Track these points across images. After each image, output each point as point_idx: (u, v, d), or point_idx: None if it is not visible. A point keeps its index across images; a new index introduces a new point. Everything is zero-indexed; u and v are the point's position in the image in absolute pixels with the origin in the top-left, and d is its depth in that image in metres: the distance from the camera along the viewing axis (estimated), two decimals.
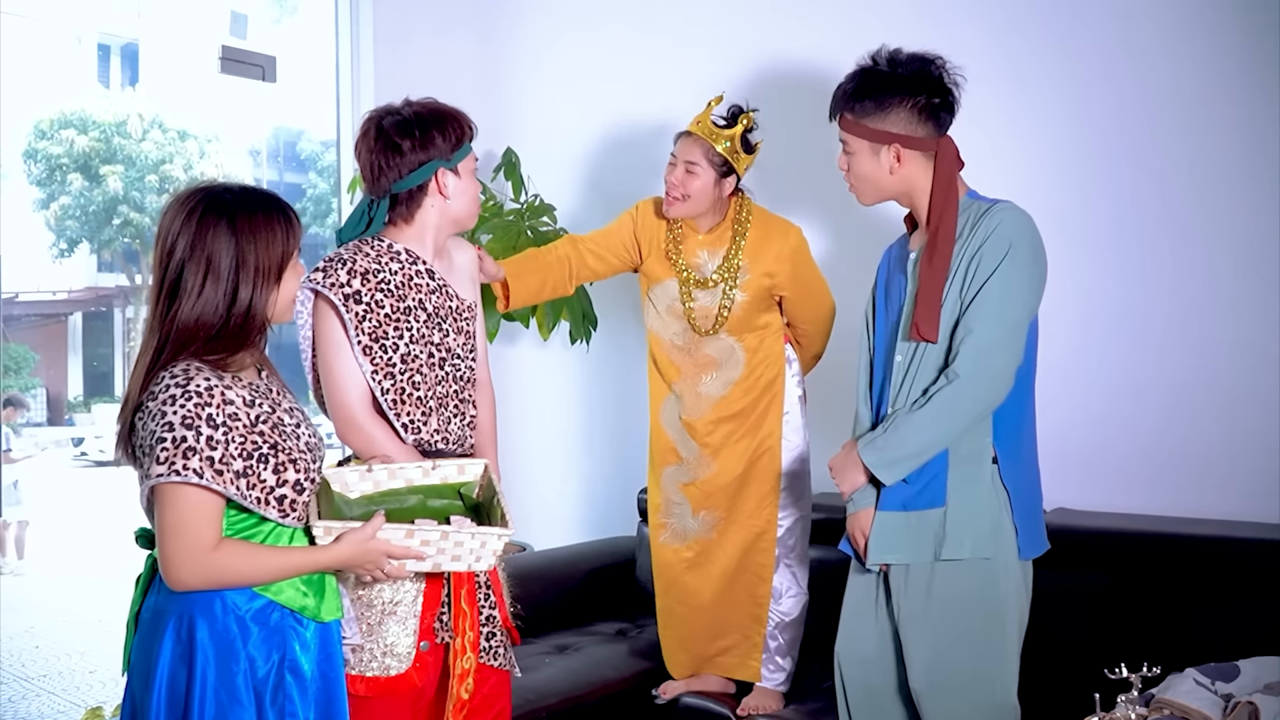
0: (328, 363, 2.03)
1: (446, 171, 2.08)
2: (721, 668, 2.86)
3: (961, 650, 2.07)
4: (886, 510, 2.13)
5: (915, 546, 2.10)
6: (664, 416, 2.88)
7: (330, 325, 2.02)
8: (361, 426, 2.02)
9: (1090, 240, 2.87)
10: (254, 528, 1.70)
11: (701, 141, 2.67)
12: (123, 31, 17.54)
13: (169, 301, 1.68)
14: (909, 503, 2.10)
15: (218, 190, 1.72)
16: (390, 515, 1.85)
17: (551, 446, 4.11)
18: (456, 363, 2.13)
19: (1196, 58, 2.75)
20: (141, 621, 1.71)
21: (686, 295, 2.76)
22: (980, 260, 2.04)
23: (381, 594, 1.96)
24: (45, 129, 15.94)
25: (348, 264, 2.02)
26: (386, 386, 2.02)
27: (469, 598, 2.02)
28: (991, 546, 2.06)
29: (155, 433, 1.60)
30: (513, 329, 3.90)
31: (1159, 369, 2.81)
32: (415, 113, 2.09)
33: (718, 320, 2.74)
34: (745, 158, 2.71)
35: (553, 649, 3.10)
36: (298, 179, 17.93)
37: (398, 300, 2.04)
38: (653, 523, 2.94)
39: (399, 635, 1.97)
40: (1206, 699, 2.00)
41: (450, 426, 2.12)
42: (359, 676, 1.95)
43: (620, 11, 3.88)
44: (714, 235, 2.77)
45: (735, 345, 2.77)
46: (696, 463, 2.82)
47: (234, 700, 1.63)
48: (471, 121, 2.15)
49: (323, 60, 4.06)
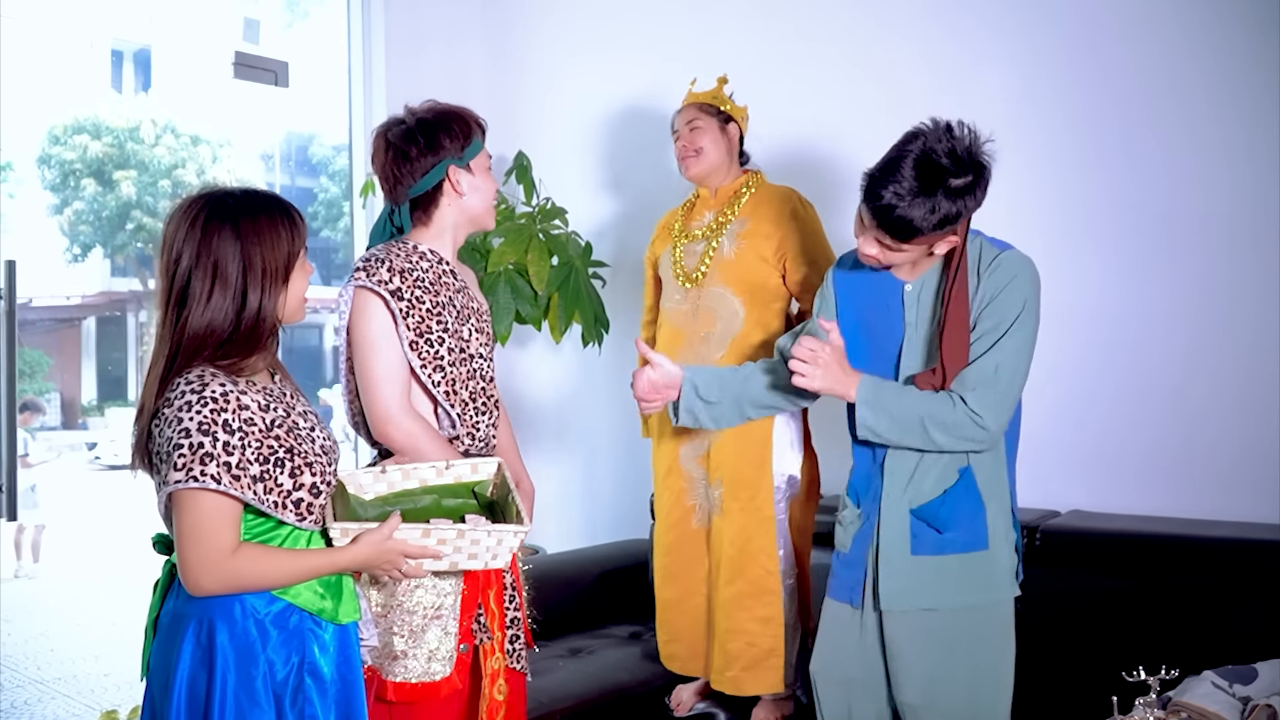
0: (367, 360, 2.04)
1: (459, 169, 2.11)
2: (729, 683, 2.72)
3: (961, 667, 2.06)
4: (921, 555, 2.07)
5: (955, 591, 2.05)
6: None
7: (378, 320, 2.03)
8: (401, 422, 2.03)
9: (1098, 243, 2.86)
10: (271, 531, 1.71)
11: (693, 103, 2.86)
12: (135, 37, 17.63)
13: (178, 310, 1.68)
14: (946, 546, 2.06)
15: (220, 195, 1.72)
16: (405, 515, 1.85)
17: (564, 449, 4.12)
18: (480, 362, 2.16)
19: (1197, 57, 2.73)
20: (161, 626, 1.72)
21: (676, 251, 2.85)
22: (997, 309, 2.01)
23: (423, 600, 1.97)
24: (59, 134, 16.04)
25: (386, 262, 2.04)
26: (438, 379, 2.05)
27: (498, 598, 2.04)
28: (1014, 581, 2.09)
29: (172, 439, 1.61)
30: (525, 332, 3.90)
31: (1169, 371, 2.79)
32: (419, 119, 2.11)
33: (701, 263, 2.77)
34: (738, 109, 2.87)
35: (566, 652, 3.10)
36: (309, 183, 17.99)
37: (434, 296, 2.07)
38: (682, 509, 2.83)
39: (441, 639, 1.98)
40: (1224, 701, 1.99)
41: (479, 422, 2.14)
42: (404, 683, 1.95)
43: (631, 14, 3.89)
44: (719, 198, 2.86)
45: (733, 299, 2.73)
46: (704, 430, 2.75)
47: (254, 703, 1.64)
48: (478, 118, 2.17)
49: (335, 65, 4.06)
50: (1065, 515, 2.78)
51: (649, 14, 3.84)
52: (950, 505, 2.05)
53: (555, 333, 3.50)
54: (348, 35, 4.01)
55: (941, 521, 2.05)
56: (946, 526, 2.05)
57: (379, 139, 2.13)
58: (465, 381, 2.10)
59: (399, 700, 1.95)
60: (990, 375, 1.99)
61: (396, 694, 1.95)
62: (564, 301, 3.45)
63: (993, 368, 2.00)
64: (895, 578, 2.08)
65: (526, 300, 3.44)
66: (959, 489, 2.06)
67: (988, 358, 2.00)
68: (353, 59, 4.00)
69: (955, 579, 2.05)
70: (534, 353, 4.14)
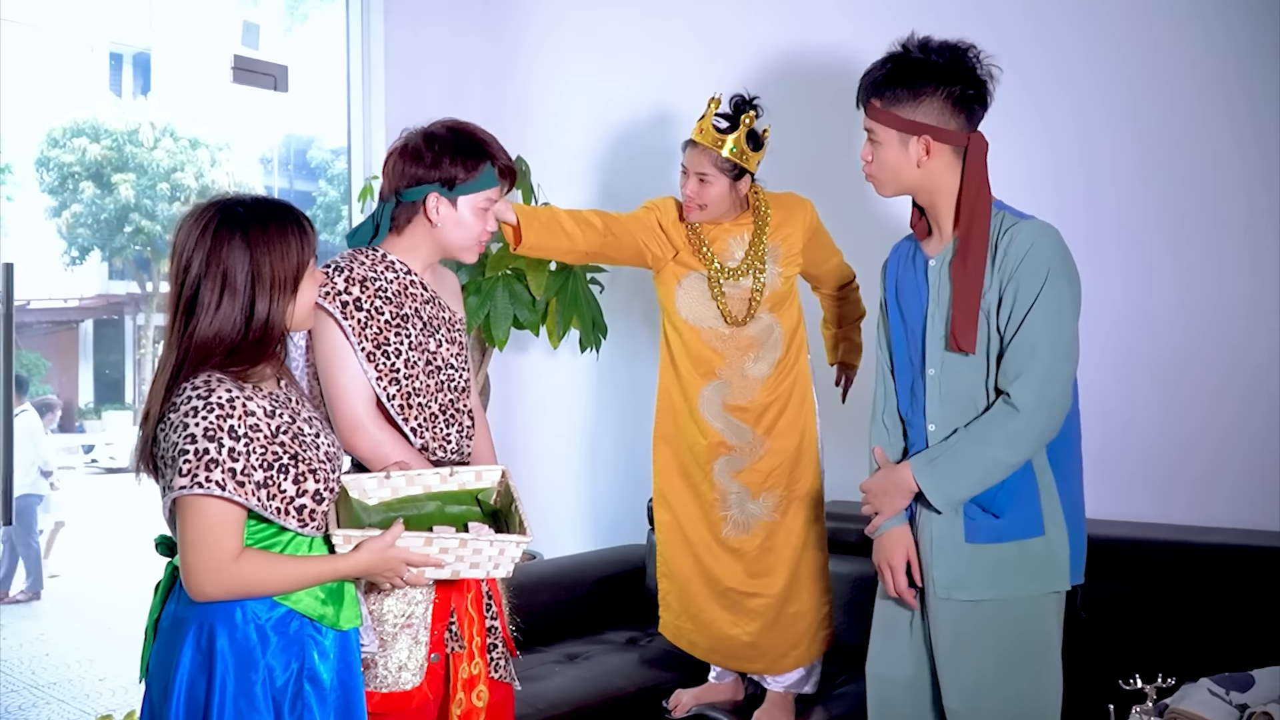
0: (330, 372, 2.02)
1: (441, 199, 2.05)
2: (792, 661, 2.79)
3: (1009, 673, 2.00)
4: (977, 543, 2.01)
5: (1014, 580, 2.00)
6: (705, 408, 2.79)
7: (330, 335, 2.01)
8: (369, 432, 2.02)
9: (1100, 249, 2.86)
10: (274, 537, 1.71)
11: (708, 151, 2.68)
12: (135, 41, 17.62)
13: (186, 318, 1.68)
14: (1004, 533, 2.00)
15: (230, 203, 1.72)
16: (409, 522, 1.85)
17: (561, 454, 4.11)
18: (451, 372, 2.13)
19: (1215, 54, 2.74)
20: (161, 629, 1.72)
21: (716, 287, 2.76)
22: (1019, 283, 1.96)
23: (393, 609, 1.96)
24: (57, 137, 16.02)
25: (345, 271, 2.02)
26: (392, 392, 2.02)
27: (476, 602, 2.02)
28: (1069, 574, 2.03)
29: (177, 444, 1.61)
30: (523, 337, 3.90)
31: (1168, 378, 2.80)
32: (444, 129, 2.08)
33: (751, 305, 2.74)
34: (754, 155, 2.71)
35: (562, 658, 3.10)
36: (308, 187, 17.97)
37: (396, 307, 2.05)
38: (709, 520, 2.82)
39: (412, 649, 1.97)
40: (1221, 709, 1.99)
41: (450, 434, 2.12)
42: (374, 693, 1.94)
43: (632, 19, 3.89)
44: (738, 225, 2.79)
45: (774, 324, 2.77)
46: (750, 447, 2.77)
47: (253, 709, 1.64)
48: (507, 162, 2.10)
49: (334, 69, 4.06)
50: None
51: (650, 19, 3.84)
52: (1007, 488, 1.99)
53: (553, 338, 3.51)
54: (347, 40, 4.02)
55: (999, 506, 2.00)
56: (1003, 511, 2.00)
57: (404, 131, 2.11)
58: (434, 393, 2.08)
59: (370, 711, 1.91)
60: (1028, 357, 1.94)
61: (367, 704, 1.92)
62: (562, 307, 3.45)
63: (1029, 348, 1.94)
64: (949, 566, 2.03)
65: (524, 305, 3.44)
66: (1017, 472, 1.99)
67: (1020, 338, 1.95)
68: (352, 64, 4.01)
69: (1018, 566, 1.99)
70: (532, 358, 4.14)
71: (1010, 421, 1.94)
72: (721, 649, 2.84)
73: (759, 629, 2.78)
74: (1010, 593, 2.00)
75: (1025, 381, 1.94)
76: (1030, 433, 1.95)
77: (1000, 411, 1.96)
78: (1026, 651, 2.01)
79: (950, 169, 2.05)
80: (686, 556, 2.86)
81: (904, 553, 2.10)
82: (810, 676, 2.85)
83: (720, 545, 2.81)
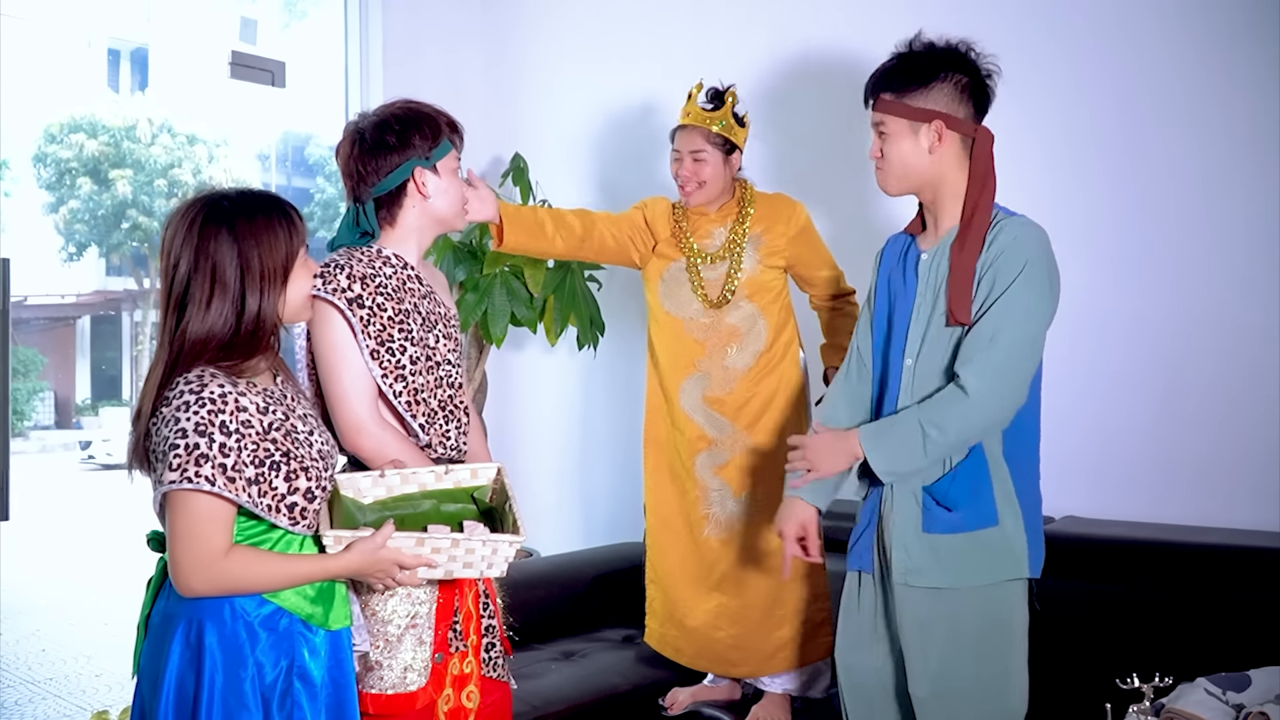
0: (333, 369, 2.00)
1: (425, 170, 2.06)
2: (781, 663, 2.77)
3: (970, 662, 2.04)
4: (933, 533, 2.04)
5: (972, 569, 2.02)
6: (685, 402, 2.81)
7: (335, 331, 1.99)
8: (373, 432, 2.00)
9: (1093, 247, 2.86)
10: (263, 535, 1.70)
11: (699, 129, 2.76)
12: (132, 36, 17.60)
13: (178, 315, 1.68)
14: (959, 525, 2.02)
15: (215, 198, 1.71)
16: (404, 520, 1.84)
17: (558, 451, 4.11)
18: (448, 369, 2.12)
19: (1203, 57, 2.74)
20: (151, 625, 1.71)
21: (694, 272, 2.80)
22: (996, 273, 1.99)
23: (398, 610, 1.95)
24: (55, 133, 15.99)
25: (345, 269, 2.01)
26: (399, 389, 2.01)
27: (474, 599, 2.03)
28: (1028, 564, 2.04)
29: (169, 439, 1.61)
30: (520, 334, 3.90)
31: (1163, 376, 2.79)
32: (391, 114, 2.07)
33: (725, 289, 2.76)
34: (741, 130, 2.80)
35: (559, 655, 3.09)
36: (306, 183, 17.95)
37: (396, 303, 2.04)
38: (690, 519, 2.83)
39: (416, 649, 1.96)
40: (1218, 709, 1.99)
41: (448, 430, 2.11)
42: (379, 695, 1.93)
43: (630, 17, 3.89)
44: (722, 213, 2.83)
45: (756, 314, 2.77)
46: (730, 442, 2.77)
47: (241, 706, 1.63)
48: (451, 119, 2.12)
49: (332, 65, 4.06)
50: (1059, 521, 2.78)
51: (646, 16, 3.84)
52: (960, 482, 2.03)
53: (551, 335, 3.50)
54: (345, 36, 4.01)
55: (952, 499, 2.02)
56: (956, 504, 2.02)
57: (347, 133, 2.08)
58: (433, 389, 2.07)
59: (375, 712, 1.92)
60: (985, 344, 1.97)
61: (373, 705, 1.92)
62: (560, 304, 3.45)
63: (988, 336, 1.97)
64: (908, 554, 2.06)
65: (522, 302, 3.44)
66: (968, 465, 2.02)
67: (983, 324, 1.98)
68: (350, 60, 4.00)
69: (972, 557, 2.02)
70: (529, 355, 4.14)
71: (958, 405, 1.97)
72: (706, 654, 2.83)
73: (741, 631, 2.78)
74: (968, 581, 2.03)
75: (978, 368, 1.96)
76: (975, 418, 1.97)
77: (950, 393, 1.99)
78: (990, 639, 2.04)
79: (958, 161, 2.08)
80: (671, 559, 2.87)
81: (796, 525, 2.21)
82: (815, 681, 2.83)
83: (703, 545, 2.82)
